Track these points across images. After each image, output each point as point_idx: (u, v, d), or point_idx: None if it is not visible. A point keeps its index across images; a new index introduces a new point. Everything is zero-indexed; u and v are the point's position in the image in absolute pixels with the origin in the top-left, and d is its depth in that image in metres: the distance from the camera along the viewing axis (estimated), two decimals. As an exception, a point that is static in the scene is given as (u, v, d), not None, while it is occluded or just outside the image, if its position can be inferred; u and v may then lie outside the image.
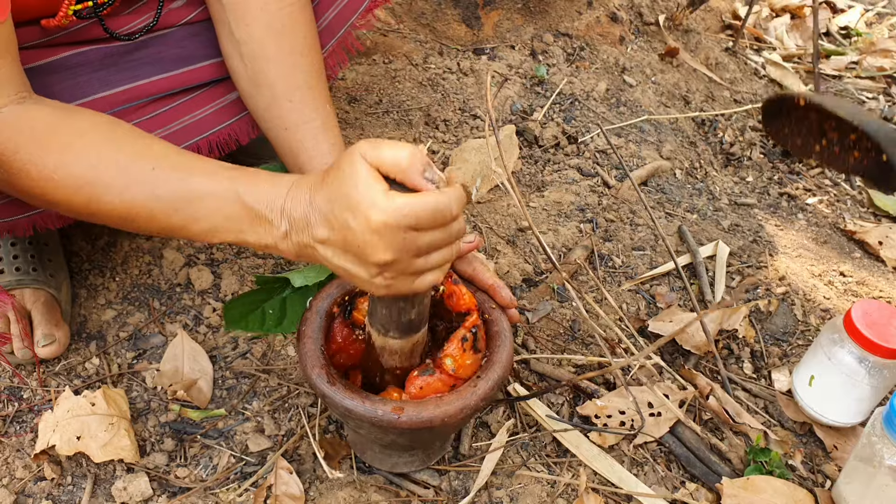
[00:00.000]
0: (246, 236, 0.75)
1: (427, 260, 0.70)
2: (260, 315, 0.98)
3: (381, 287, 0.71)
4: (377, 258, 0.67)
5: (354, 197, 0.65)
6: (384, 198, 0.64)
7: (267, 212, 0.72)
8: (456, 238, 0.71)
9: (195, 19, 1.04)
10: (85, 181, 0.75)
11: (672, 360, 1.19)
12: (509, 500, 0.97)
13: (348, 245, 0.68)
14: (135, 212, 0.76)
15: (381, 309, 0.79)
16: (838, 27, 2.60)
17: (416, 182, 0.66)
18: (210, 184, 0.75)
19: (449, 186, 0.67)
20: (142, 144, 0.78)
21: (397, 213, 0.64)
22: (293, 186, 0.72)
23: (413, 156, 0.65)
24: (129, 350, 1.13)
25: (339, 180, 0.67)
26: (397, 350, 0.83)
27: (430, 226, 0.66)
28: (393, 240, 0.65)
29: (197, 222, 0.75)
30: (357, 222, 0.66)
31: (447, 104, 1.70)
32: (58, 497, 0.95)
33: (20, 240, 1.15)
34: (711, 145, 1.83)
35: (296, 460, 0.99)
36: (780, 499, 0.97)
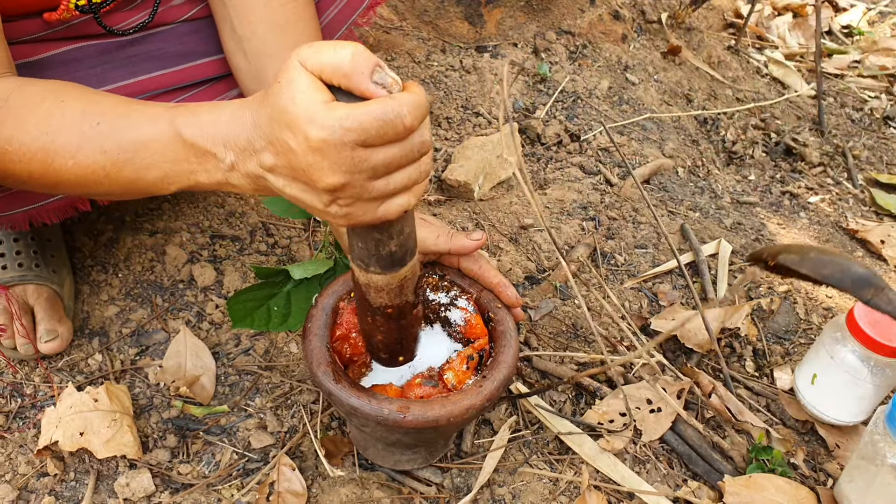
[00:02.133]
0: (198, 177, 0.68)
1: (388, 181, 0.61)
2: (265, 312, 0.98)
3: (339, 216, 0.63)
4: (325, 182, 0.59)
5: (292, 111, 0.57)
6: (323, 110, 0.56)
7: (210, 145, 0.65)
8: (420, 153, 0.61)
9: (195, 16, 1.04)
10: (38, 148, 0.72)
11: (674, 358, 1.19)
12: (511, 498, 0.97)
13: (294, 170, 0.60)
14: (90, 172, 0.72)
15: (357, 242, 0.70)
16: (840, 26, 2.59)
17: (363, 87, 0.57)
18: (151, 127, 0.69)
19: (405, 90, 0.58)
20: (89, 100, 0.74)
21: (338, 127, 0.56)
22: (234, 112, 0.65)
23: (356, 55, 0.56)
24: (132, 346, 1.13)
25: (278, 93, 0.58)
26: (383, 286, 0.74)
27: (382, 140, 0.58)
28: (338, 159, 0.57)
29: (147, 171, 0.70)
30: (297, 142, 0.58)
31: (450, 102, 1.70)
32: (60, 493, 0.95)
33: (23, 235, 1.15)
34: (714, 143, 1.83)
35: (298, 457, 0.99)
36: (782, 497, 0.97)
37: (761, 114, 1.99)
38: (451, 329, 0.93)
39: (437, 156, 1.56)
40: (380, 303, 0.76)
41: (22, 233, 1.15)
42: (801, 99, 2.11)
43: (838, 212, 1.68)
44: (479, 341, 0.90)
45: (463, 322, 0.92)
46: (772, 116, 1.99)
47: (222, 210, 1.35)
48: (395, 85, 0.58)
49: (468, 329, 0.92)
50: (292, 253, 1.30)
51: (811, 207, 1.68)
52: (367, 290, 0.75)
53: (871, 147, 1.95)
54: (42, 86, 0.76)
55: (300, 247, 1.31)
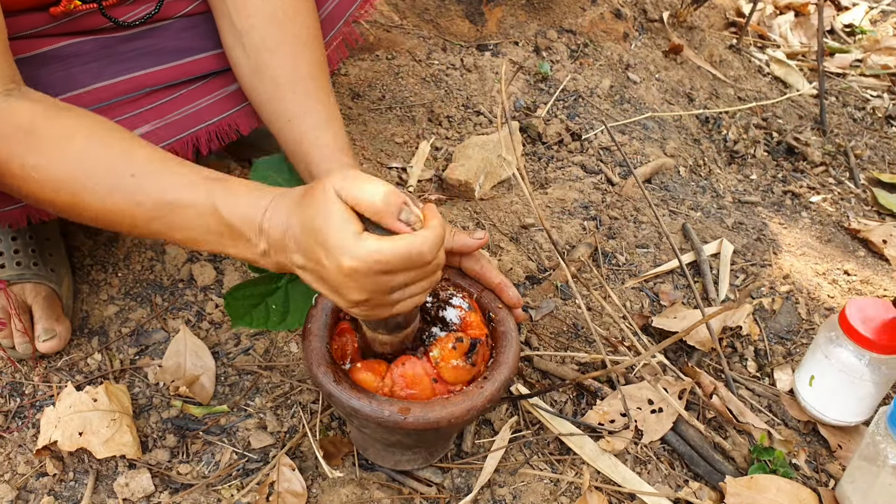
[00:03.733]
0: (227, 249, 0.74)
1: (404, 293, 0.70)
2: (264, 310, 0.97)
3: (360, 315, 0.73)
4: (351, 297, 0.68)
5: (326, 237, 0.65)
6: (355, 242, 0.64)
7: (246, 229, 0.72)
8: (434, 272, 0.70)
9: (193, 11, 1.04)
10: (66, 183, 0.75)
11: (675, 358, 1.19)
12: (512, 499, 0.96)
13: (323, 279, 0.69)
14: (118, 216, 0.75)
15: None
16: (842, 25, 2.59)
17: (391, 226, 0.65)
18: (189, 195, 0.73)
19: (426, 226, 0.66)
20: (125, 147, 0.77)
21: (368, 260, 0.64)
22: (271, 204, 0.71)
23: (387, 197, 0.64)
24: (132, 346, 1.12)
25: (314, 212, 0.66)
26: (387, 342, 0.83)
27: (403, 269, 0.66)
28: (365, 283, 0.66)
29: (178, 231, 0.75)
30: (329, 263, 0.66)
31: (450, 100, 1.69)
32: (59, 493, 0.94)
33: (21, 234, 1.14)
34: (715, 143, 1.82)
35: (298, 457, 0.99)
36: (784, 498, 0.97)
37: (763, 113, 1.98)
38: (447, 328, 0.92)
39: (438, 154, 1.56)
40: (382, 351, 0.85)
41: (20, 231, 1.14)
42: (802, 98, 2.10)
43: (840, 211, 1.67)
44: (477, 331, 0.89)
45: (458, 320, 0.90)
46: (773, 116, 1.98)
47: (222, 209, 1.34)
48: (418, 221, 0.66)
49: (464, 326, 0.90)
50: (292, 252, 1.30)
51: (813, 207, 1.68)
52: (373, 342, 0.84)
53: (873, 146, 1.95)
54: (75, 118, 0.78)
55: (300, 246, 1.31)
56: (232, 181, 0.75)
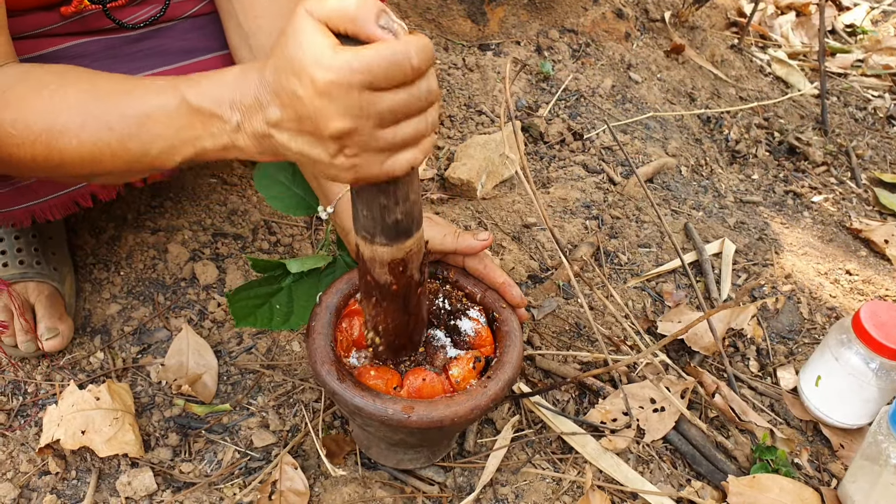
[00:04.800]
0: (203, 142, 0.68)
1: (395, 131, 0.60)
2: (268, 310, 0.97)
3: (346, 168, 0.62)
4: (332, 128, 0.58)
5: (299, 57, 0.57)
6: (330, 53, 0.56)
7: (215, 107, 0.65)
8: (427, 102, 0.61)
9: (199, 13, 1.04)
10: (41, 129, 0.72)
11: (678, 358, 1.19)
12: (514, 498, 0.96)
13: (301, 120, 0.60)
14: (96, 150, 0.72)
15: (362, 209, 0.70)
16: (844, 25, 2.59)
17: (369, 31, 0.57)
18: (157, 98, 0.68)
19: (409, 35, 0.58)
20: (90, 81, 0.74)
21: (346, 68, 0.55)
22: (239, 71, 0.65)
23: (362, 2, 0.57)
24: (134, 344, 1.12)
25: (284, 44, 0.58)
26: (388, 260, 0.72)
27: (389, 83, 0.57)
28: (346, 102, 0.57)
29: (154, 143, 0.70)
30: (303, 87, 0.57)
31: (452, 100, 1.69)
32: (62, 491, 0.94)
33: (24, 233, 1.14)
34: (717, 142, 1.82)
35: (301, 456, 0.99)
36: (786, 497, 0.97)
37: (764, 113, 1.98)
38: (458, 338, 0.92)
39: (440, 154, 1.56)
40: (385, 280, 0.75)
41: (23, 230, 1.14)
42: (804, 98, 2.10)
43: (842, 211, 1.67)
44: (486, 349, 0.90)
45: (473, 333, 0.91)
46: (775, 115, 1.98)
47: (224, 208, 1.35)
48: (401, 30, 0.57)
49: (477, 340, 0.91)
50: (294, 251, 1.30)
51: (814, 207, 1.68)
52: (373, 266, 0.74)
53: (875, 146, 1.95)
54: (45, 69, 0.76)
55: (302, 245, 1.31)
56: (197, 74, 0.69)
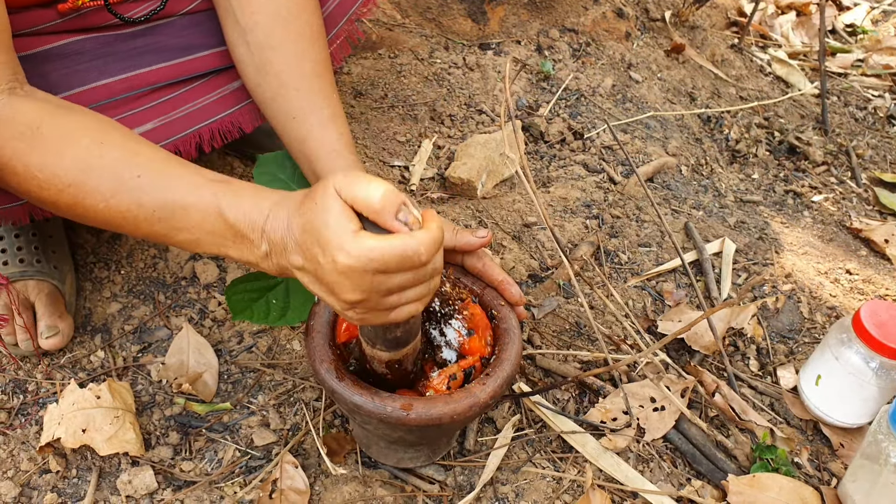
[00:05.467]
0: (228, 251, 0.74)
1: (400, 297, 0.69)
2: (264, 305, 0.97)
3: (355, 319, 0.71)
4: (346, 297, 0.67)
5: (325, 235, 0.64)
6: (352, 240, 0.63)
7: (248, 231, 0.72)
8: (431, 276, 0.69)
9: (196, 9, 1.04)
10: (69, 183, 0.75)
11: (678, 357, 1.19)
12: (514, 496, 0.96)
13: (320, 280, 0.68)
14: (120, 217, 0.75)
15: (367, 326, 0.78)
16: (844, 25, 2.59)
17: (388, 225, 0.64)
18: (193, 197, 0.73)
19: (423, 228, 0.65)
20: (129, 148, 0.77)
21: (363, 258, 0.63)
22: (274, 206, 0.71)
23: (386, 197, 0.64)
24: (135, 343, 1.12)
25: (313, 212, 0.66)
26: (385, 360, 0.82)
27: (398, 269, 0.65)
28: (360, 282, 0.65)
29: (180, 233, 0.75)
30: (325, 261, 0.65)
31: (453, 99, 1.70)
32: (63, 490, 0.95)
33: (24, 231, 1.15)
34: (717, 142, 1.82)
35: (301, 455, 0.99)
36: (786, 496, 0.97)
37: (765, 112, 1.98)
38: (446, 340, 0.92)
39: (441, 153, 1.56)
40: (382, 371, 0.84)
41: (23, 228, 1.14)
42: (804, 98, 2.10)
43: (842, 211, 1.67)
44: (470, 359, 0.89)
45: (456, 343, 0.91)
46: (775, 115, 1.98)
47: (225, 207, 1.35)
48: (416, 223, 0.65)
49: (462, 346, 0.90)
50: (295, 250, 1.30)
51: (815, 206, 1.68)
52: (372, 361, 0.83)
53: (875, 146, 1.95)
54: (79, 118, 0.78)
55: (303, 244, 1.31)
56: (235, 183, 0.75)
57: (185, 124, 1.04)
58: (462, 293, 0.95)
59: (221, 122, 1.07)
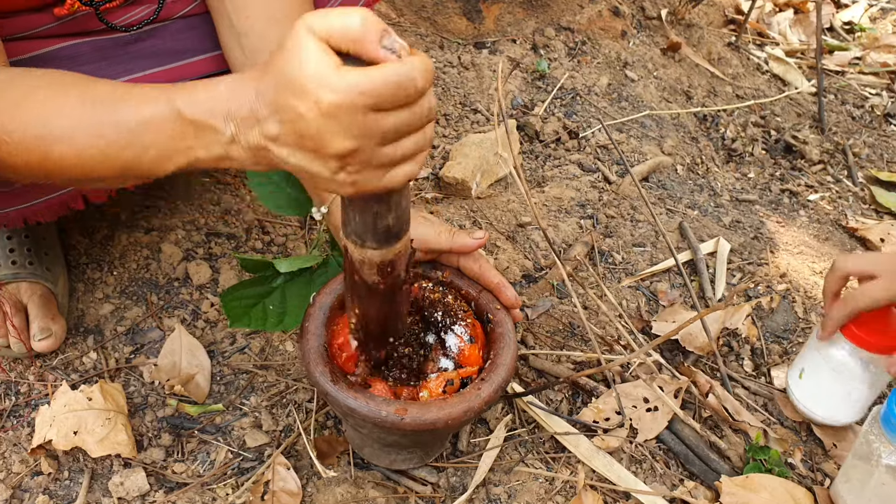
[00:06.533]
0: (196, 152, 0.67)
1: (396, 148, 0.61)
2: (261, 311, 0.97)
3: (347, 184, 0.63)
4: (335, 147, 0.58)
5: (301, 78, 0.56)
6: (335, 74, 0.55)
7: (209, 118, 0.64)
8: (427, 120, 0.61)
9: (192, 13, 1.04)
10: (35, 136, 0.72)
11: (671, 357, 1.19)
12: (507, 497, 0.96)
13: (302, 137, 0.60)
14: (88, 157, 0.71)
15: (355, 215, 0.70)
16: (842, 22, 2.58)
17: (373, 52, 0.56)
18: (150, 107, 0.68)
19: (412, 55, 0.58)
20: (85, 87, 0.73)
21: (352, 91, 0.55)
22: (234, 83, 0.64)
23: (366, 21, 0.56)
24: (127, 344, 1.12)
25: (284, 61, 0.58)
26: (377, 262, 0.73)
27: (393, 103, 0.57)
28: (351, 123, 0.57)
29: (146, 151, 0.69)
30: (307, 107, 0.57)
31: (448, 98, 1.69)
32: (54, 492, 0.94)
33: (17, 233, 1.14)
34: (713, 141, 1.82)
35: (293, 456, 0.99)
36: (779, 497, 0.97)
37: (761, 111, 1.98)
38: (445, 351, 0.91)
39: (435, 153, 1.55)
40: (373, 280, 0.75)
41: (15, 230, 1.14)
42: (801, 96, 2.10)
43: (838, 210, 1.67)
44: (468, 369, 0.88)
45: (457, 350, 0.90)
46: (772, 114, 1.98)
47: (218, 208, 1.34)
48: (404, 50, 0.57)
49: (461, 356, 0.90)
50: (288, 251, 1.30)
51: (811, 205, 1.68)
52: (361, 267, 0.75)
53: (872, 144, 1.95)
54: (36, 75, 0.76)
55: (296, 245, 1.31)
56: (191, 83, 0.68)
57: None
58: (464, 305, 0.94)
59: None
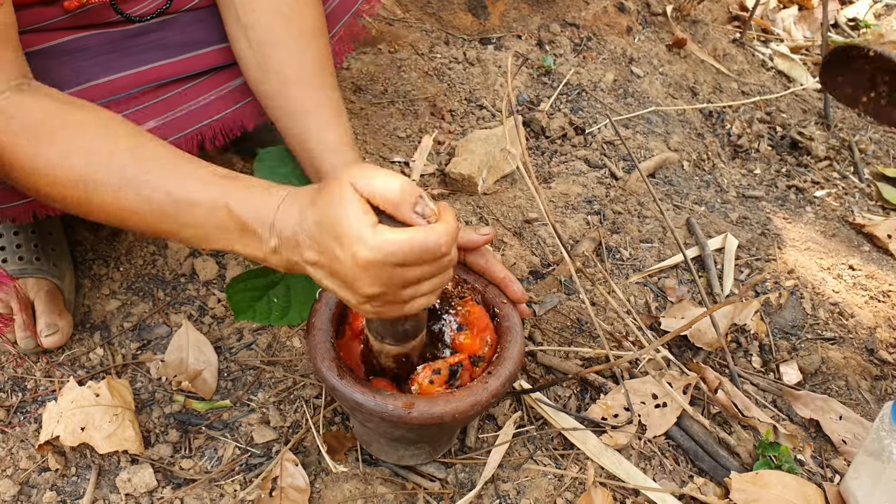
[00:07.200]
0: (235, 246, 0.74)
1: (417, 289, 0.69)
2: (266, 304, 0.97)
3: (370, 313, 0.71)
4: (365, 291, 0.67)
5: (343, 228, 0.64)
6: (371, 234, 0.63)
7: (257, 225, 0.71)
8: (447, 268, 0.69)
9: (200, 5, 1.03)
10: (76, 179, 0.74)
11: (680, 354, 1.18)
12: (516, 494, 0.96)
13: (336, 273, 0.68)
14: (128, 213, 0.75)
15: (376, 320, 0.79)
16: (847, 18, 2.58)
17: (407, 217, 0.64)
18: (202, 192, 0.73)
19: (440, 220, 0.65)
20: (136, 144, 0.77)
21: (384, 251, 0.63)
22: (284, 201, 0.71)
23: (404, 190, 0.64)
24: (134, 340, 1.12)
25: (329, 206, 0.65)
26: (394, 354, 0.83)
27: (418, 262, 0.65)
28: (380, 275, 0.65)
29: (188, 228, 0.74)
30: (344, 255, 0.65)
31: (453, 94, 1.69)
32: (62, 488, 0.94)
33: (24, 229, 1.14)
34: (719, 137, 1.81)
35: (301, 452, 0.98)
36: (789, 493, 0.96)
37: (767, 107, 1.98)
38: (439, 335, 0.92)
39: (441, 149, 1.55)
40: (388, 366, 0.85)
41: (22, 226, 1.14)
42: (806, 92, 2.09)
43: (844, 206, 1.67)
44: (458, 356, 0.88)
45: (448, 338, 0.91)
46: (777, 110, 1.97)
47: (224, 203, 1.34)
48: (433, 215, 0.65)
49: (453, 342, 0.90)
50: (295, 246, 1.29)
51: (817, 202, 1.67)
52: (379, 356, 0.84)
53: (878, 141, 1.94)
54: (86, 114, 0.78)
55: (303, 240, 1.30)
56: (244, 179, 0.75)
57: (189, 122, 1.03)
58: (463, 291, 0.95)
59: (225, 119, 1.07)
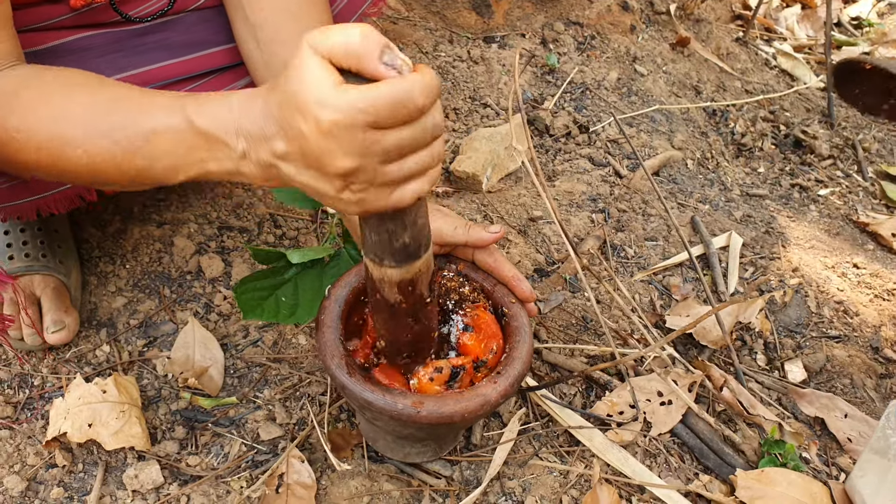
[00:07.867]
0: (208, 165, 0.68)
1: (401, 166, 0.60)
2: (274, 303, 0.97)
3: (352, 203, 0.62)
4: (337, 166, 0.58)
5: (302, 95, 0.56)
6: (333, 92, 0.55)
7: (221, 133, 0.65)
8: (432, 136, 0.60)
9: (205, 5, 1.03)
10: (46, 138, 0.72)
11: (685, 352, 1.18)
12: (521, 491, 0.96)
13: (306, 156, 0.59)
14: (100, 161, 0.72)
15: (370, 234, 0.70)
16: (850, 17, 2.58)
17: (373, 68, 0.55)
18: (164, 118, 0.68)
19: (415, 72, 0.57)
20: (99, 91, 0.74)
21: (349, 109, 0.55)
22: (244, 99, 0.64)
23: (366, 37, 0.55)
24: (140, 337, 1.12)
25: (288, 79, 0.57)
26: (397, 280, 0.73)
27: (394, 121, 0.56)
28: (350, 142, 0.56)
29: (159, 160, 0.70)
30: (308, 126, 0.57)
31: (457, 93, 1.69)
32: (69, 484, 0.94)
33: (30, 226, 1.14)
34: (723, 135, 1.81)
35: (307, 449, 0.99)
36: (795, 491, 0.96)
37: (770, 106, 1.98)
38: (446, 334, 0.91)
39: (446, 147, 1.55)
40: (395, 299, 0.75)
41: (29, 223, 1.14)
42: (809, 91, 2.09)
43: (848, 204, 1.67)
44: (462, 359, 0.87)
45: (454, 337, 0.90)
46: (781, 109, 1.97)
47: (230, 201, 1.34)
48: (405, 66, 0.56)
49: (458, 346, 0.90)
50: (300, 244, 1.29)
51: (821, 200, 1.67)
52: (381, 286, 0.75)
53: (881, 139, 1.94)
54: (53, 75, 0.76)
55: (308, 238, 1.31)
56: (204, 95, 0.68)
57: None
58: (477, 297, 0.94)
59: None
